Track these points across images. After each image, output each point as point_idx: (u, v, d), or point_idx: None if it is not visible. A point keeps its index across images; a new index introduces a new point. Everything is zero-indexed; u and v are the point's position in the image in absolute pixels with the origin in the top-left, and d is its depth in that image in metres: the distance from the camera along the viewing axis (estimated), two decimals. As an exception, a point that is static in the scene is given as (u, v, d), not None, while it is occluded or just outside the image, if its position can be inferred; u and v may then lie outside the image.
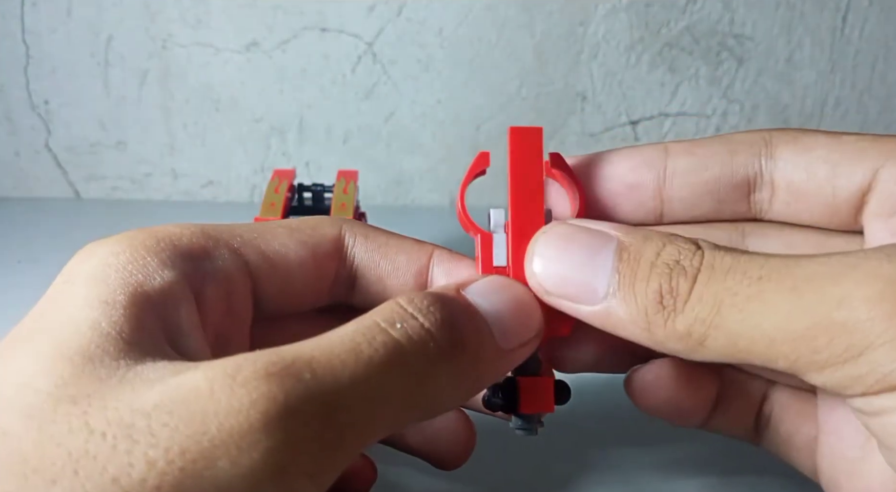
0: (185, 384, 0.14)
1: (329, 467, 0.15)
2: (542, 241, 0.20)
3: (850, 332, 0.15)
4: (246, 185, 0.58)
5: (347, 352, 0.16)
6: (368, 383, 0.15)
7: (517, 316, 0.19)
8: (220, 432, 0.13)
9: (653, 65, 0.56)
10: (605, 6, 0.54)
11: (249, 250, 0.20)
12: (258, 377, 0.14)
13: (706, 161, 0.21)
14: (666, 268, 0.18)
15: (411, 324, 0.17)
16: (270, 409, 0.14)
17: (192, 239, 0.19)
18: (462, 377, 0.18)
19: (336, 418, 0.15)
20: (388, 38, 0.54)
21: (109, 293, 0.17)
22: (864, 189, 0.20)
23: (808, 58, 0.57)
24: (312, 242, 0.21)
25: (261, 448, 0.13)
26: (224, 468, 0.13)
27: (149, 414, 0.14)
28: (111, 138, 0.56)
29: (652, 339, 0.18)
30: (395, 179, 0.58)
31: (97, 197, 0.58)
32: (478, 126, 0.56)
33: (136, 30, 0.54)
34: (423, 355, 0.17)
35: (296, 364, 0.15)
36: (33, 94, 0.55)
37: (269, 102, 0.56)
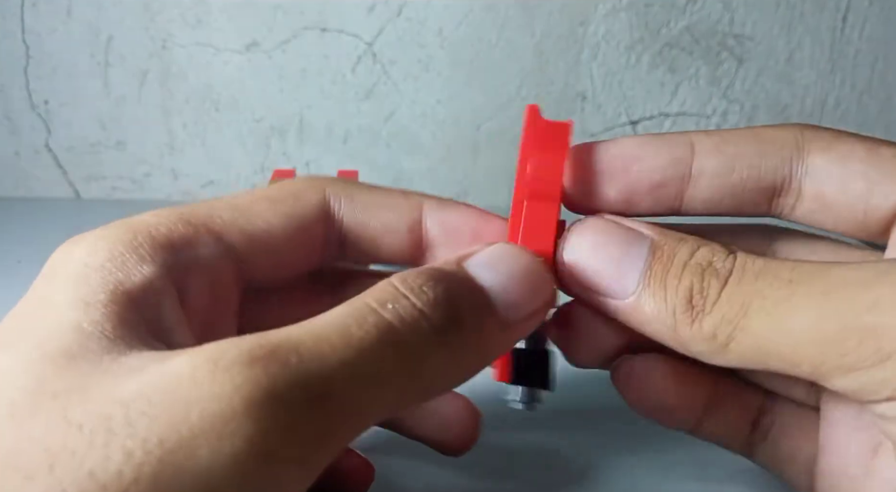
0: (167, 371, 0.14)
1: (319, 453, 0.14)
2: (577, 232, 0.20)
3: (880, 336, 0.16)
4: (246, 185, 0.58)
5: (336, 335, 0.15)
6: (358, 366, 0.15)
7: (524, 285, 0.19)
8: (200, 420, 0.13)
9: (653, 65, 0.56)
10: (605, 6, 0.54)
11: (233, 232, 0.20)
12: (242, 362, 0.14)
13: (733, 162, 0.20)
14: (699, 268, 0.18)
15: (402, 304, 0.16)
16: (254, 393, 0.13)
17: (170, 228, 0.19)
18: (461, 355, 0.17)
19: (325, 402, 0.14)
20: (388, 38, 0.54)
21: (90, 293, 0.16)
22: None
23: (808, 58, 0.57)
24: (297, 213, 0.21)
25: (243, 435, 0.13)
26: (205, 457, 0.13)
27: (127, 404, 0.13)
28: (111, 138, 0.56)
29: (676, 338, 0.18)
30: (395, 179, 0.58)
31: (97, 197, 0.58)
32: (478, 126, 0.56)
33: (136, 30, 0.53)
34: (417, 336, 0.16)
35: (282, 348, 0.14)
36: (33, 94, 0.55)
37: (269, 102, 0.56)
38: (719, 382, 0.22)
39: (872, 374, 0.16)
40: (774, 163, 0.20)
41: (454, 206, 0.22)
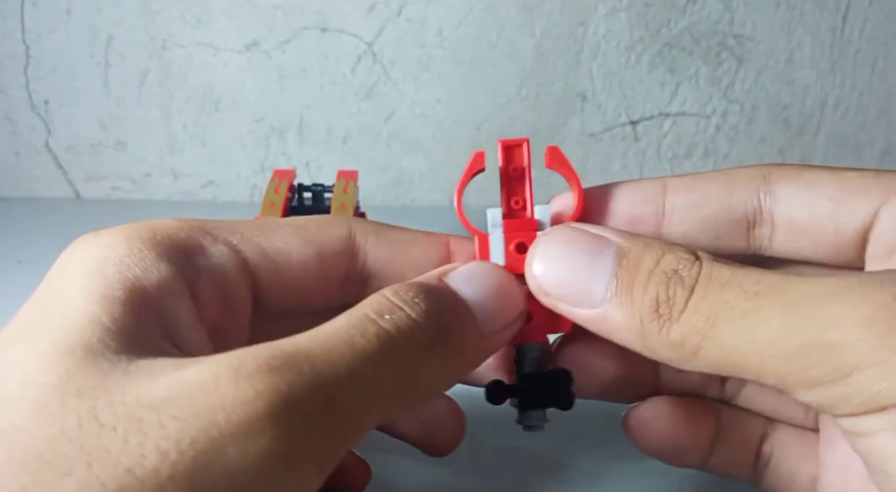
0: (190, 378, 0.15)
1: (330, 454, 0.15)
2: (544, 243, 0.20)
3: (840, 352, 0.16)
4: (246, 185, 0.58)
5: (343, 344, 0.16)
6: (363, 373, 0.16)
7: (499, 300, 0.20)
8: (228, 423, 0.14)
9: (653, 65, 0.56)
10: (605, 6, 0.54)
11: (249, 247, 0.20)
12: (261, 371, 0.15)
13: (705, 197, 0.21)
14: (664, 276, 0.18)
15: (399, 315, 0.17)
16: (275, 400, 0.14)
17: (189, 234, 0.19)
18: (449, 363, 0.18)
19: (335, 407, 0.15)
20: (388, 38, 0.54)
21: (107, 287, 0.17)
22: (866, 227, 0.20)
23: (808, 58, 0.57)
24: (318, 241, 0.21)
25: (268, 437, 0.14)
26: (234, 456, 0.14)
27: (157, 408, 0.14)
28: (111, 138, 0.57)
29: (646, 346, 0.18)
30: (395, 178, 0.58)
31: (97, 197, 0.58)
32: (478, 126, 0.56)
33: (136, 30, 0.54)
34: (412, 345, 0.17)
35: (295, 357, 0.15)
36: (33, 94, 0.55)
37: (269, 102, 0.56)
38: (721, 413, 0.23)
39: (835, 389, 0.16)
40: (743, 195, 0.21)
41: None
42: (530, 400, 0.21)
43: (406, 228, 0.23)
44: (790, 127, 0.59)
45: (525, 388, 0.21)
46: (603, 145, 0.58)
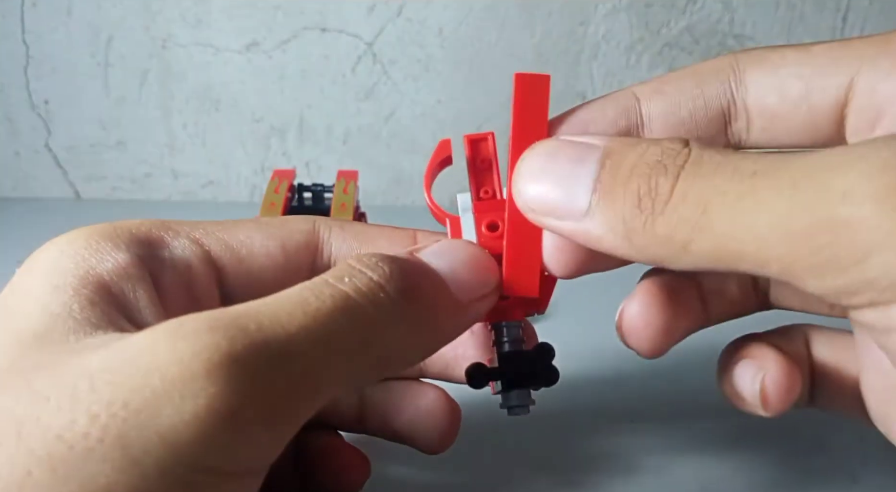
0: (128, 344, 0.14)
1: (285, 415, 0.15)
2: (528, 157, 0.19)
3: (855, 230, 0.14)
4: (246, 185, 0.58)
5: (293, 305, 0.16)
6: (317, 332, 0.15)
7: (471, 271, 0.19)
8: (162, 383, 0.13)
9: (653, 65, 0.56)
10: (605, 6, 0.54)
11: (211, 240, 0.20)
12: (200, 330, 0.14)
13: (678, 99, 0.20)
14: (646, 168, 0.16)
15: (360, 277, 0.17)
16: (213, 356, 0.14)
17: (150, 229, 0.20)
18: (418, 329, 0.18)
19: (285, 366, 0.15)
20: (388, 38, 0.54)
21: (60, 278, 0.17)
22: (841, 102, 0.18)
23: (809, 58, 0.57)
24: (281, 235, 0.21)
25: (205, 395, 0.13)
26: (169, 416, 0.13)
27: (92, 375, 0.14)
28: (111, 138, 0.56)
29: (633, 247, 0.17)
30: (395, 179, 0.58)
31: (97, 197, 0.58)
32: (478, 126, 0.56)
33: (136, 30, 0.53)
34: (374, 305, 0.17)
35: (241, 318, 0.15)
36: (33, 94, 0.55)
37: (269, 102, 0.56)
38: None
39: (850, 275, 0.14)
40: (714, 89, 0.20)
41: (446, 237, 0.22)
42: (513, 380, 0.21)
43: (373, 224, 0.23)
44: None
45: (506, 368, 0.21)
46: (603, 145, 0.58)
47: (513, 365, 0.21)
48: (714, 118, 0.20)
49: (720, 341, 0.21)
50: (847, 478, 0.27)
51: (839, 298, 0.15)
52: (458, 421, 0.23)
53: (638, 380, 0.33)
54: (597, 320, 0.38)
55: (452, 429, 0.23)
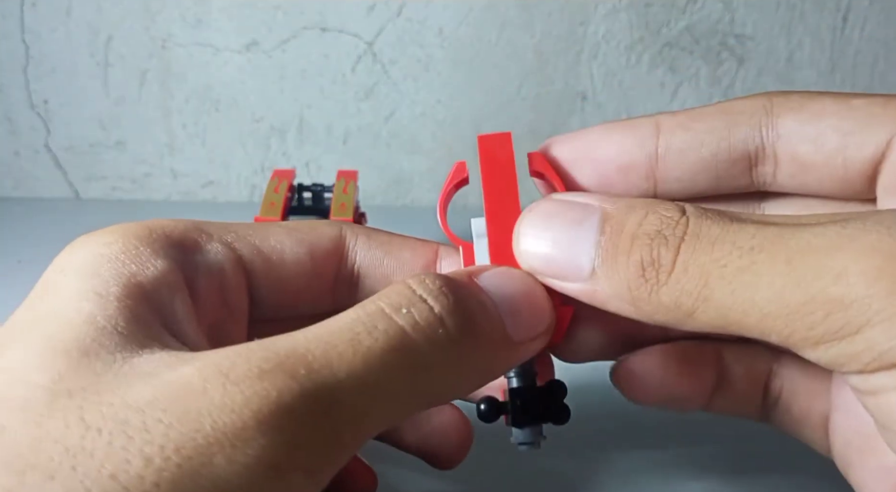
0: (179, 380, 0.14)
1: (326, 462, 0.15)
2: (528, 219, 0.19)
3: (847, 308, 0.15)
4: (246, 185, 0.58)
5: (345, 343, 0.15)
6: (367, 376, 0.15)
7: (529, 308, 0.19)
8: (214, 430, 0.13)
9: (653, 65, 0.56)
10: (605, 6, 0.54)
11: (243, 245, 0.20)
12: (251, 376, 0.14)
13: (701, 136, 0.20)
14: (647, 238, 0.17)
15: (420, 308, 0.16)
16: (264, 407, 0.14)
17: (185, 232, 0.19)
18: (471, 367, 0.17)
19: (332, 413, 0.15)
20: (388, 38, 0.54)
21: (102, 285, 0.17)
22: (877, 158, 0.19)
23: (808, 58, 0.57)
24: (310, 240, 0.21)
25: (256, 446, 0.13)
26: (221, 465, 0.13)
27: (143, 410, 0.14)
28: (111, 138, 0.56)
29: (640, 313, 0.17)
30: (395, 178, 0.58)
31: (97, 197, 0.58)
32: (478, 126, 0.56)
33: (136, 30, 0.53)
34: (430, 343, 0.16)
35: (290, 360, 0.15)
36: (33, 94, 0.55)
37: (269, 102, 0.56)
38: (724, 352, 0.22)
39: (842, 347, 0.15)
40: (744, 132, 0.20)
41: None
42: (523, 416, 0.20)
43: (398, 233, 0.23)
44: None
45: (518, 403, 0.20)
46: (603, 145, 0.58)
47: (522, 401, 0.20)
48: (738, 160, 0.20)
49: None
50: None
51: (833, 366, 0.16)
52: (470, 439, 0.23)
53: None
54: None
55: (465, 446, 0.23)
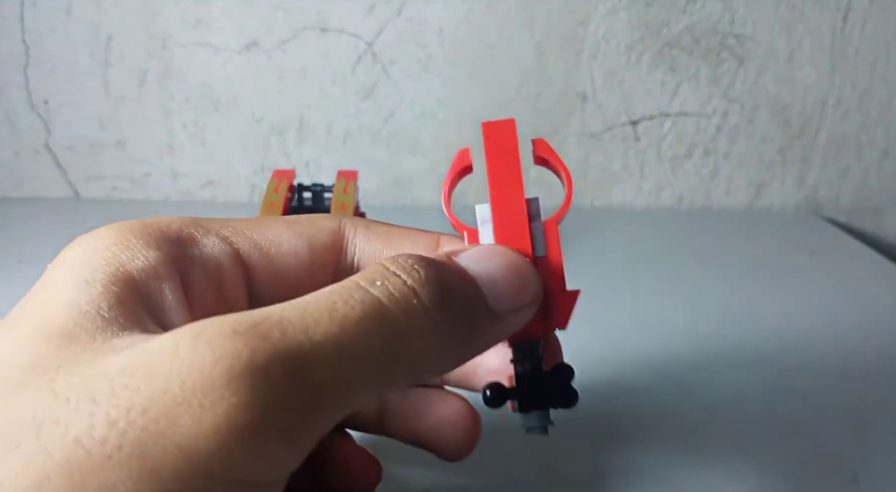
0: (151, 347, 0.14)
1: (304, 428, 0.14)
2: None
3: None
4: (246, 185, 0.58)
5: (321, 310, 0.15)
6: (343, 340, 0.15)
7: (511, 279, 0.19)
8: (182, 390, 0.13)
9: (653, 64, 0.56)
10: (605, 6, 0.54)
11: (240, 239, 0.20)
12: (223, 336, 0.14)
13: None
14: None
15: (393, 281, 0.16)
16: (234, 365, 0.13)
17: (181, 226, 0.19)
18: (450, 338, 0.17)
19: (307, 376, 0.14)
20: (388, 38, 0.54)
21: (90, 274, 0.17)
22: None
23: (809, 58, 0.57)
24: (309, 233, 0.21)
25: (225, 406, 0.13)
26: (187, 426, 0.13)
27: (112, 378, 0.13)
28: (111, 138, 0.56)
29: None
30: (395, 179, 0.58)
31: (97, 197, 0.58)
32: (478, 126, 0.56)
33: (136, 30, 0.53)
34: (406, 312, 0.16)
35: (265, 324, 0.14)
36: (33, 94, 0.55)
37: (269, 102, 0.56)
38: None
39: None
40: None
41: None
42: (531, 400, 0.21)
43: (398, 225, 0.23)
44: (790, 127, 0.59)
45: (525, 388, 0.21)
46: (603, 145, 0.58)
47: (529, 386, 0.20)
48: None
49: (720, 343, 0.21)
50: (847, 478, 0.27)
51: None
52: (478, 430, 0.23)
53: (635, 380, 0.33)
54: (594, 320, 0.38)
55: (473, 438, 0.23)
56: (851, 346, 0.37)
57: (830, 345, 0.37)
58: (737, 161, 0.59)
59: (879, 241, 0.62)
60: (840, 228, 0.58)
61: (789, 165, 0.60)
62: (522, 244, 0.20)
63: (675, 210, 0.60)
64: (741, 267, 0.48)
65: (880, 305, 0.43)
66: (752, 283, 0.45)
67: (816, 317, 0.40)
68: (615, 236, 0.54)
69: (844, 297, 0.44)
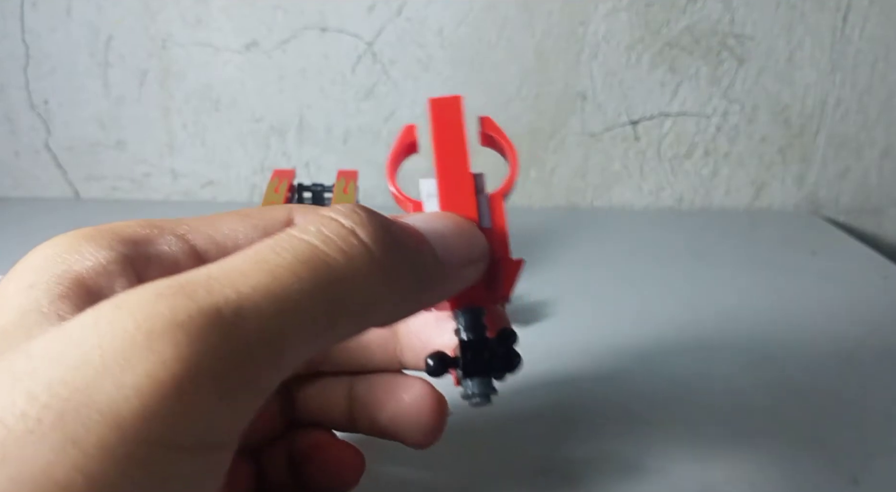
0: (74, 322, 0.14)
1: (243, 383, 0.14)
2: None
3: None
4: (246, 185, 0.58)
5: (249, 263, 0.15)
6: (273, 288, 0.14)
7: (459, 235, 0.19)
8: (103, 358, 0.13)
9: (653, 64, 0.56)
10: (605, 6, 0.54)
11: (196, 236, 0.20)
12: (145, 301, 0.13)
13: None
14: None
15: (330, 225, 0.16)
16: (155, 326, 0.13)
17: (135, 228, 0.19)
18: (397, 282, 0.17)
19: (235, 327, 0.14)
20: (388, 38, 0.54)
21: (35, 278, 0.17)
22: None
23: (809, 58, 0.57)
24: (263, 225, 0.21)
25: (146, 364, 0.13)
26: (110, 392, 0.12)
27: (34, 355, 0.13)
28: (111, 138, 0.56)
29: None
30: (395, 178, 0.58)
31: (97, 197, 0.58)
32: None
33: (136, 30, 0.53)
34: (344, 254, 0.16)
35: (189, 284, 0.14)
36: (33, 94, 0.55)
37: (269, 102, 0.56)
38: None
39: None
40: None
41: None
42: (474, 367, 0.20)
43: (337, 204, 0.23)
44: (791, 127, 0.59)
45: (468, 355, 0.20)
46: (603, 145, 0.58)
47: (472, 352, 0.20)
48: None
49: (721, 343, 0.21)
50: (847, 478, 0.27)
51: None
52: (444, 415, 0.23)
53: (636, 380, 0.33)
54: (594, 321, 0.38)
55: (438, 422, 0.22)
56: (851, 345, 0.37)
57: (830, 345, 0.37)
58: (737, 161, 0.59)
59: (879, 241, 0.62)
60: (840, 228, 0.58)
61: (789, 165, 0.60)
62: (468, 215, 0.20)
63: (675, 210, 0.61)
64: (741, 267, 0.48)
65: (880, 304, 0.43)
66: (752, 283, 0.45)
67: (816, 316, 0.41)
68: (615, 236, 0.54)
69: (844, 296, 0.44)
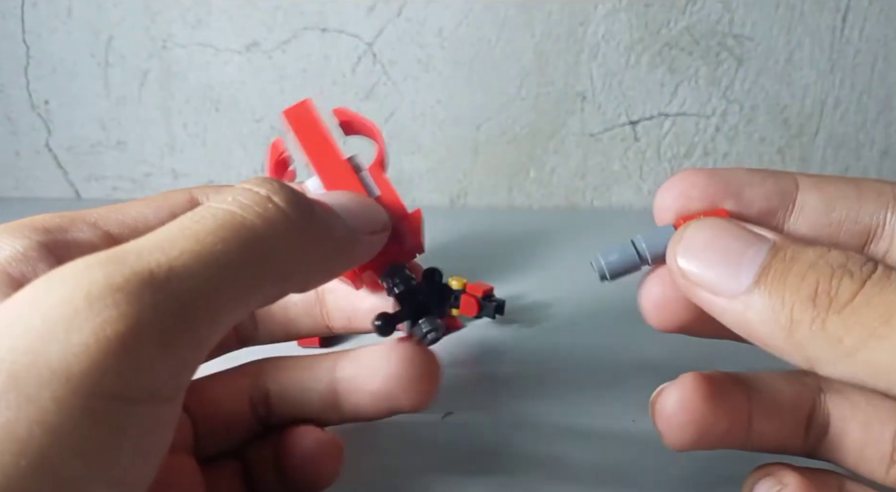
0: (11, 298, 0.15)
1: (182, 337, 0.15)
2: (694, 227, 0.19)
3: None
4: (246, 185, 0.58)
5: (173, 231, 0.16)
6: (200, 251, 0.16)
7: (361, 206, 0.21)
8: (45, 324, 0.14)
9: (653, 65, 0.56)
10: (605, 6, 0.54)
11: (107, 222, 0.21)
12: (78, 270, 0.15)
13: (834, 201, 0.20)
14: (828, 268, 0.16)
15: (245, 194, 0.17)
16: (92, 289, 0.14)
17: (48, 218, 0.20)
18: (313, 247, 0.18)
19: (171, 287, 0.15)
20: (388, 38, 0.54)
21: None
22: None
23: (808, 58, 0.57)
24: (168, 206, 0.22)
25: (90, 325, 0.14)
26: (59, 351, 0.13)
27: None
28: (111, 138, 0.57)
29: (789, 340, 0.16)
30: (395, 179, 0.58)
31: (97, 197, 0.58)
32: (478, 126, 0.56)
33: (136, 30, 0.54)
34: (261, 217, 0.17)
35: (120, 252, 0.15)
36: (33, 94, 0.55)
37: (269, 102, 0.56)
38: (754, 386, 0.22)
39: None
40: (872, 207, 0.20)
41: None
42: (417, 311, 0.23)
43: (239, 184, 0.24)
44: (790, 127, 0.59)
45: (407, 303, 0.22)
46: (603, 145, 0.58)
47: (410, 300, 0.23)
48: (860, 232, 0.20)
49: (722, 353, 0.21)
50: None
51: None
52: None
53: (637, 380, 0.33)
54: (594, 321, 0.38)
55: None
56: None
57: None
58: (736, 161, 0.60)
59: (879, 241, 0.62)
60: (839, 228, 0.58)
61: (789, 165, 0.60)
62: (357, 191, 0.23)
63: (674, 210, 0.61)
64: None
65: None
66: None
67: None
68: (615, 236, 0.54)
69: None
